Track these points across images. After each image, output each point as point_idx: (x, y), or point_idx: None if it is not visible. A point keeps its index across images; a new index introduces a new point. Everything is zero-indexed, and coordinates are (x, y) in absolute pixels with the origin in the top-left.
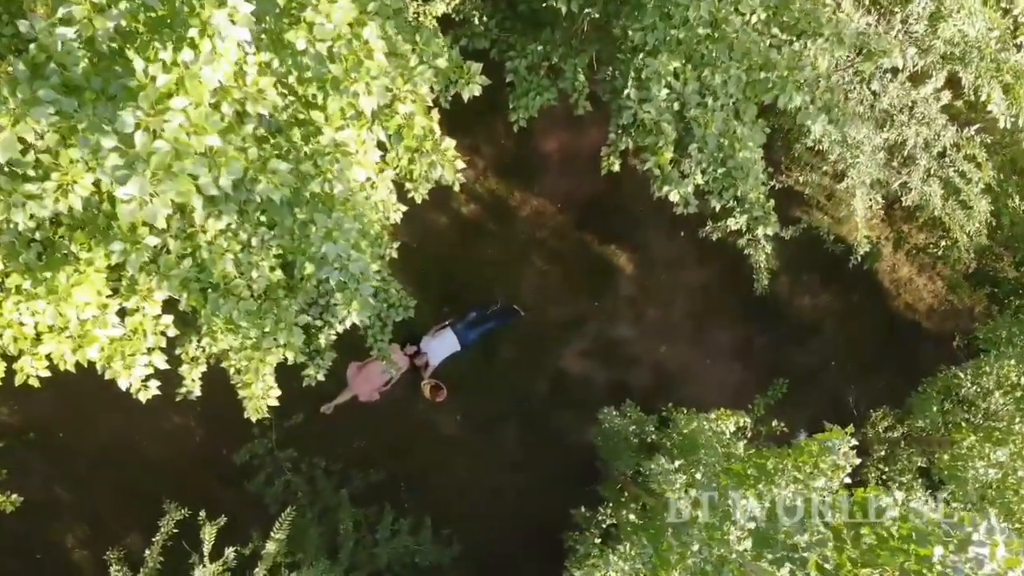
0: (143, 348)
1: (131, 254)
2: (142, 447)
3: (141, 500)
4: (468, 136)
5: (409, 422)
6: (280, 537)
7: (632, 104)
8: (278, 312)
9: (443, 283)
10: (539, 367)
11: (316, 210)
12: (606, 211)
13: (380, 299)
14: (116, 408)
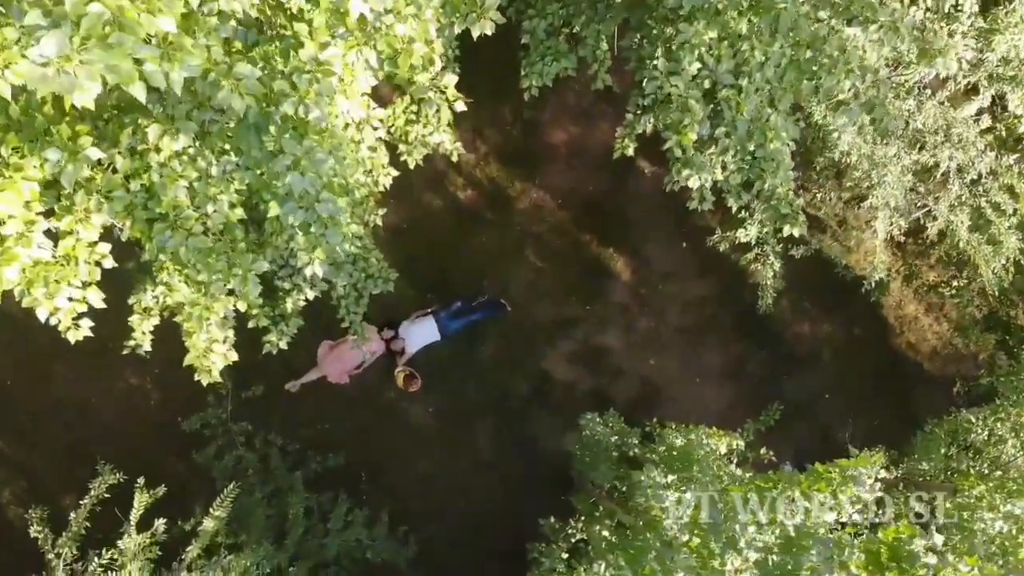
0: (73, 277)
1: (68, 165)
2: (93, 406)
3: (85, 461)
4: (473, 117)
5: (378, 410)
6: (220, 514)
7: (659, 76)
8: (233, 256)
9: (430, 268)
10: (521, 366)
11: (285, 134)
12: (608, 212)
13: (358, 267)
14: (72, 362)
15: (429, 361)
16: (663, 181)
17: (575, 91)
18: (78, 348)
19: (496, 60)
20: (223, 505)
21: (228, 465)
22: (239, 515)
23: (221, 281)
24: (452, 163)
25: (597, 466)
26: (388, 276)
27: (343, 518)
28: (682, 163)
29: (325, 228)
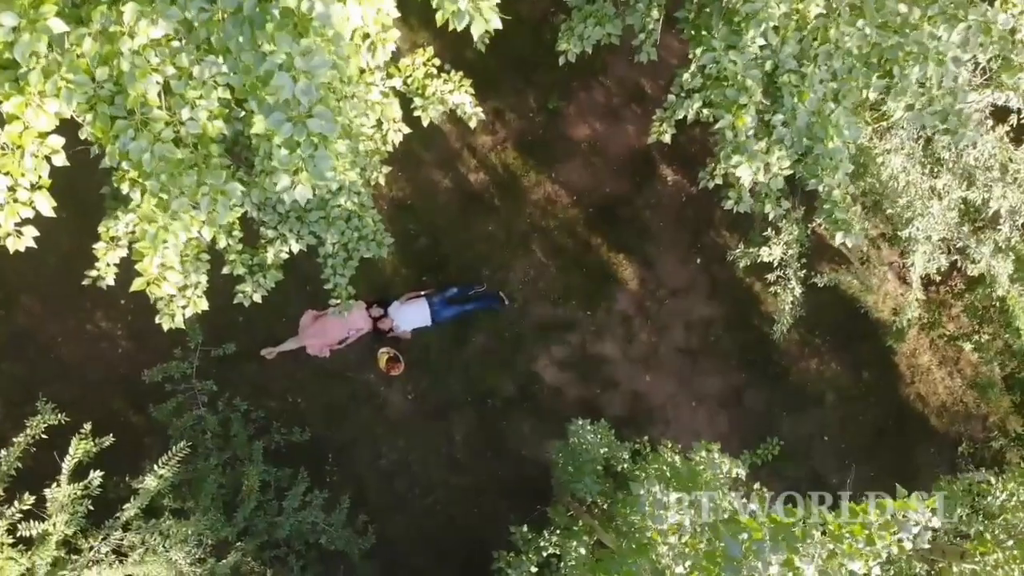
0: (15, 169)
1: (23, 34)
2: (57, 345)
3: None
4: (496, 98)
5: (354, 390)
6: (166, 473)
7: (717, 49)
8: (204, 172)
9: (430, 249)
10: (510, 365)
11: (281, 29)
12: (622, 217)
13: (352, 226)
14: (43, 298)
15: (415, 346)
16: (687, 185)
17: (605, 87)
18: (52, 284)
19: (528, 43)
20: (170, 464)
21: (186, 425)
22: (190, 480)
23: (186, 198)
24: (467, 143)
25: (581, 478)
26: (382, 240)
27: (300, 497)
28: (732, 148)
29: (315, 148)
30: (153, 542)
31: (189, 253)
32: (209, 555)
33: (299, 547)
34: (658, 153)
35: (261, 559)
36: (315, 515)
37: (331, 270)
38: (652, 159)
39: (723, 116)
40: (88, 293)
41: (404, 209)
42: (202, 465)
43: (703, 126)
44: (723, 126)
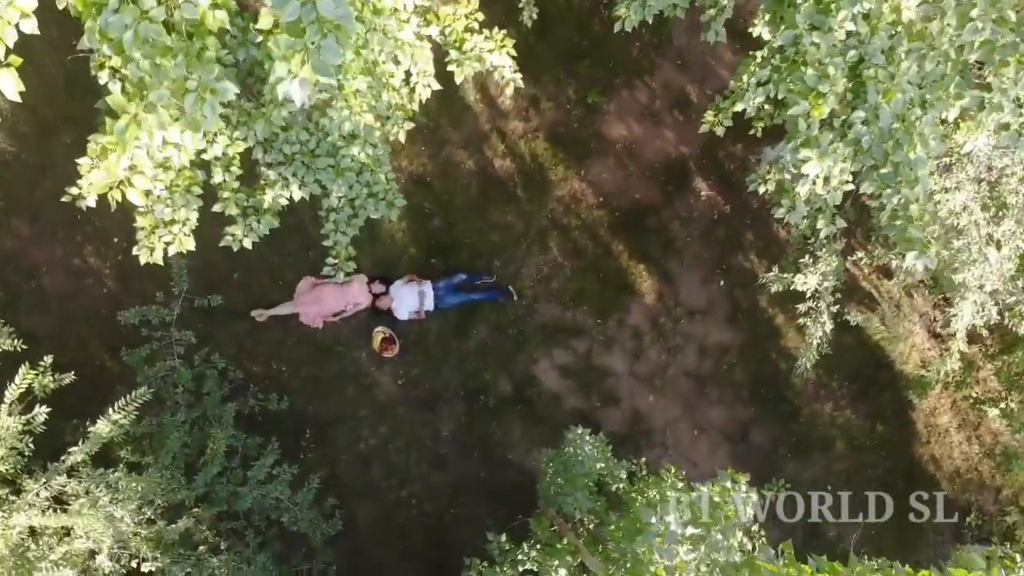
0: None
1: None
2: (40, 273)
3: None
4: (535, 84)
5: (344, 366)
6: (120, 420)
7: (800, 26)
8: (193, 64)
9: (442, 231)
10: (508, 364)
11: None
12: (649, 227)
13: (362, 180)
14: (35, 221)
15: (412, 330)
16: (721, 202)
17: (649, 89)
18: (45, 209)
19: (576, 32)
20: (127, 409)
21: (157, 374)
22: (152, 434)
23: (167, 91)
24: (496, 126)
25: (572, 491)
26: (393, 200)
27: (268, 469)
28: (803, 141)
29: (323, 35)
30: (99, 493)
31: (180, 184)
32: (160, 517)
33: (259, 523)
34: (695, 165)
35: (217, 529)
36: (281, 490)
37: (333, 225)
38: (688, 170)
39: (798, 102)
40: (81, 226)
41: (422, 185)
42: (167, 420)
43: (746, 142)
44: (797, 112)
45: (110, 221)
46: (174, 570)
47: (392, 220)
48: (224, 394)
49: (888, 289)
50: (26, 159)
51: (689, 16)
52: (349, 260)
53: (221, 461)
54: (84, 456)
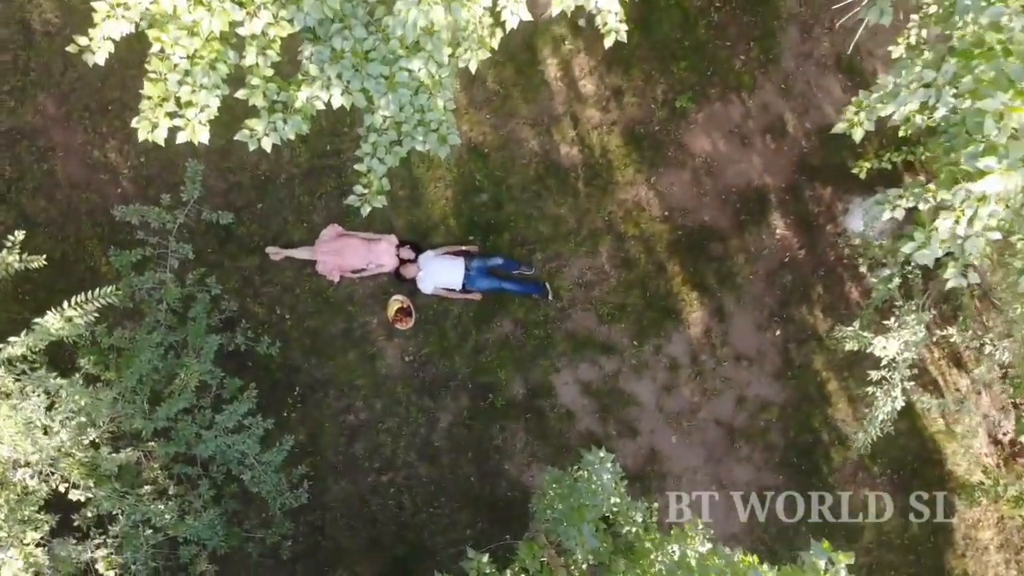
0: None
1: None
2: (54, 156)
3: (8, 208)
4: (623, 75)
5: (351, 327)
6: (74, 316)
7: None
8: None
9: (489, 208)
10: (527, 367)
11: None
12: (712, 254)
13: (416, 103)
14: (61, 99)
15: (432, 306)
16: (795, 246)
17: (745, 107)
18: (77, 91)
19: (680, 29)
20: (84, 307)
21: (143, 284)
22: (122, 349)
23: None
24: (572, 110)
25: (575, 523)
26: (446, 135)
27: (239, 416)
28: (987, 149)
29: None
30: (34, 396)
31: (204, 56)
32: (107, 444)
33: (217, 474)
34: (777, 199)
35: (169, 471)
36: (249, 444)
37: (371, 148)
38: (767, 203)
39: (992, 95)
40: (109, 118)
41: (478, 155)
42: (142, 337)
43: (837, 186)
44: (989, 108)
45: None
46: (106, 506)
47: (442, 159)
48: (212, 324)
49: (956, 380)
50: (69, 34)
51: (802, 41)
52: (380, 195)
53: (190, 397)
54: (24, 350)
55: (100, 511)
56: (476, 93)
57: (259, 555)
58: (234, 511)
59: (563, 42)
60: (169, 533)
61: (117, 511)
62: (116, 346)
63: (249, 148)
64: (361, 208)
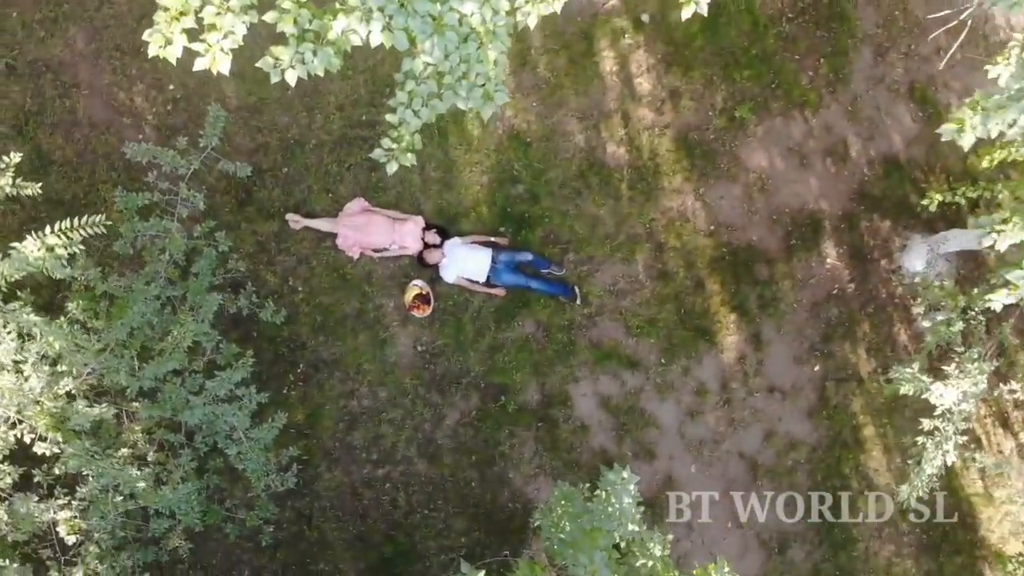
0: None
1: None
2: (78, 93)
3: (23, 141)
4: (682, 77)
5: (364, 308)
6: (56, 245)
7: None
8: None
9: (524, 200)
10: (545, 372)
11: None
12: (756, 276)
13: (464, 52)
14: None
15: (452, 296)
16: (845, 278)
17: (808, 125)
18: (111, 31)
19: (747, 37)
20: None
21: (147, 231)
22: (115, 297)
23: None
24: (624, 107)
25: (586, 548)
26: (493, 92)
27: (230, 385)
28: None
29: None
30: (4, 333)
31: None
32: (84, 396)
33: (201, 445)
34: (831, 226)
35: (151, 436)
36: (239, 417)
37: (406, 97)
38: (820, 229)
39: None
40: (140, 60)
41: (519, 143)
42: (139, 287)
43: (897, 221)
44: None
45: (175, 68)
46: (72, 464)
47: (485, 123)
48: (215, 282)
49: (1000, 441)
50: None
51: (875, 64)
52: (410, 152)
53: (181, 358)
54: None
55: (67, 469)
56: (525, 79)
57: (237, 537)
58: (216, 487)
59: (623, 35)
60: (140, 503)
61: (87, 472)
62: (110, 293)
63: (271, 79)
64: (387, 164)
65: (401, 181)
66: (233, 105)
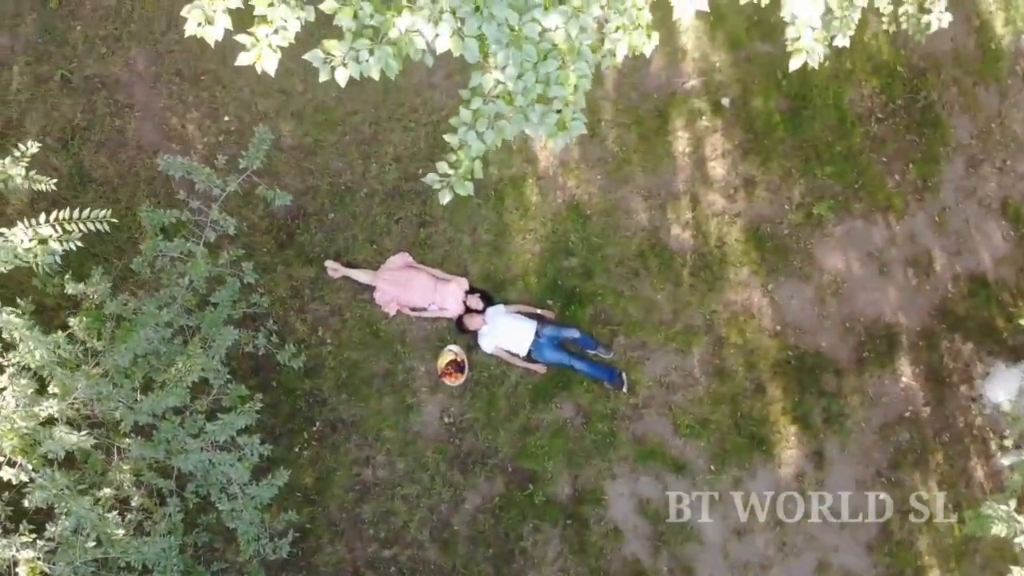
0: None
1: None
2: (131, 113)
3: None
4: (759, 165)
5: (392, 369)
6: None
7: None
8: None
9: (577, 275)
10: (580, 463)
11: None
12: (823, 387)
13: (542, 70)
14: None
15: (489, 367)
16: (920, 401)
17: (891, 232)
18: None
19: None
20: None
21: (168, 251)
22: (123, 319)
23: None
24: (693, 191)
25: None
26: (569, 120)
27: (233, 431)
28: None
29: None
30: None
31: None
32: (68, 422)
33: (192, 497)
34: (908, 342)
35: (139, 478)
36: (238, 470)
37: (471, 117)
38: (897, 344)
39: None
40: (198, 89)
41: (578, 214)
42: (150, 311)
43: (981, 345)
44: None
45: (233, 99)
46: (38, 496)
47: (555, 149)
48: (234, 315)
49: None
50: None
51: (967, 175)
52: (469, 181)
53: (184, 394)
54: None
55: (35, 502)
56: (592, 150)
57: None
58: (206, 545)
59: (700, 117)
60: (112, 553)
61: (60, 510)
62: (118, 314)
63: (320, 77)
64: (441, 192)
65: (450, 241)
66: (287, 144)
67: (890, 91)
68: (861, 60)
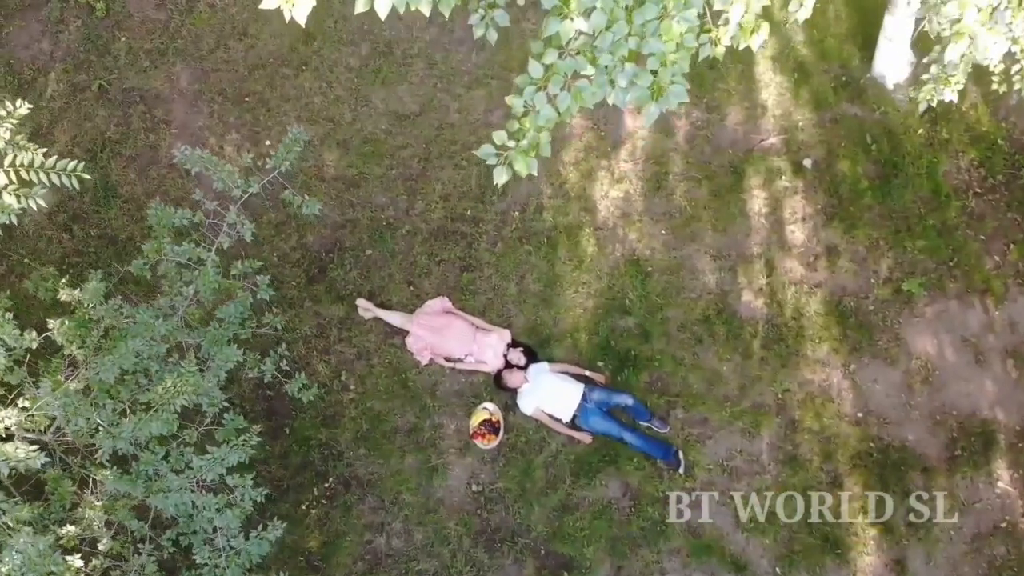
0: None
1: None
2: (168, 131)
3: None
4: (843, 234)
5: (419, 425)
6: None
7: None
8: None
9: (633, 337)
10: (624, 553)
11: None
12: (908, 485)
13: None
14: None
15: (527, 430)
16: (1020, 516)
17: (988, 318)
18: (219, 75)
19: (925, 205)
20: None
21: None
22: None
23: None
24: (768, 256)
25: None
26: (667, 84)
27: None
28: None
29: None
30: None
31: None
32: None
33: (167, 544)
34: (1006, 443)
35: (110, 516)
36: (228, 518)
37: (542, 74)
38: (993, 444)
39: None
40: (243, 113)
41: (638, 271)
42: (144, 320)
43: None
44: None
45: (277, 123)
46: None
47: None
48: (241, 334)
49: None
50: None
51: None
52: (532, 156)
53: (172, 421)
54: None
55: None
56: (657, 203)
57: None
58: None
59: (779, 176)
60: None
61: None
62: (107, 325)
63: (356, 7)
64: (496, 169)
65: (494, 288)
66: (329, 174)
67: (990, 165)
68: (958, 130)
